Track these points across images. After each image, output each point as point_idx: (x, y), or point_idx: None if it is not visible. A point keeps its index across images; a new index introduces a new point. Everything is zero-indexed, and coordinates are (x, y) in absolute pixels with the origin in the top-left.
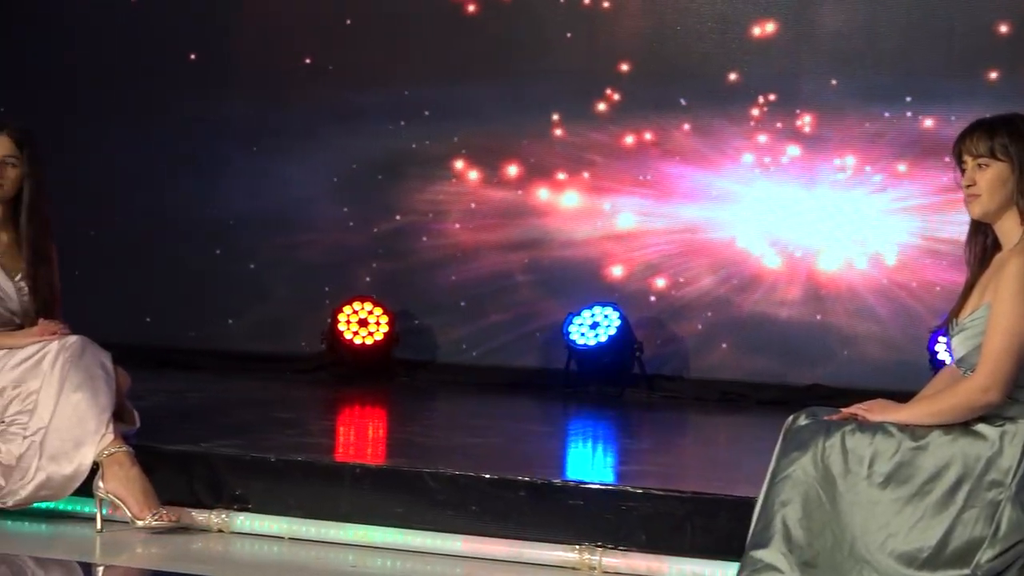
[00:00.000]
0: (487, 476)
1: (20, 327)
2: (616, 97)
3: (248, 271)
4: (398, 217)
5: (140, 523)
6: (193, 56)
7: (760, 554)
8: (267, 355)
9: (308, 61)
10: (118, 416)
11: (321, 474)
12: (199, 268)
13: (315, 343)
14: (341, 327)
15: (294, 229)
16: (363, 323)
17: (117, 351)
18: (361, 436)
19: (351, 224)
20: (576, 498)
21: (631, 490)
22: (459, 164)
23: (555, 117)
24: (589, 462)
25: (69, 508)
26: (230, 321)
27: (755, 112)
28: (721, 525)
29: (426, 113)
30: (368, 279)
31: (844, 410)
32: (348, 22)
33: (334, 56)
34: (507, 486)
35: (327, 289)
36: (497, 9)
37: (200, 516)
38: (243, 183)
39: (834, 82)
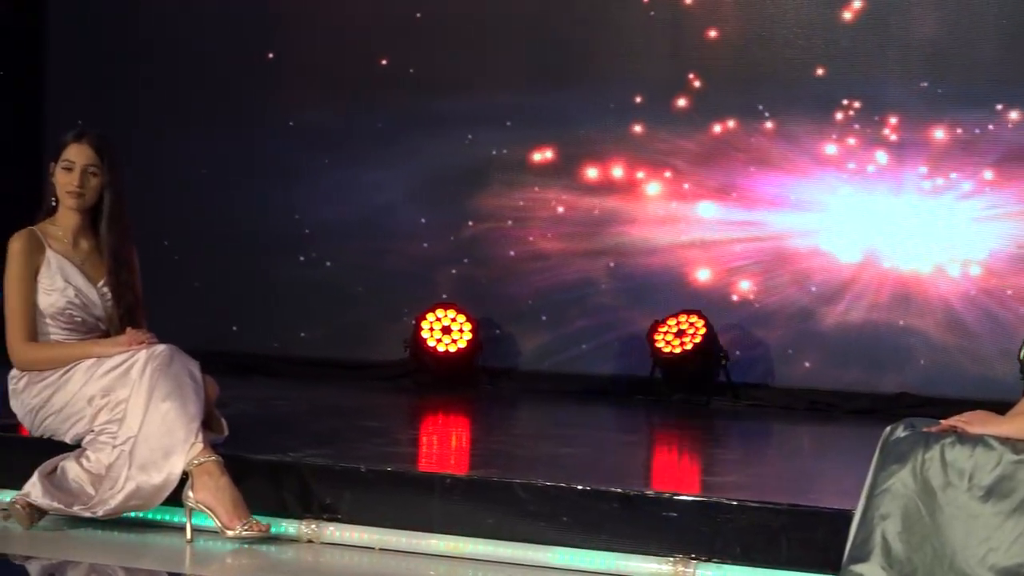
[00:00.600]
0: (579, 487)
1: (106, 334)
2: (699, 102)
3: (330, 278)
4: (480, 224)
5: (230, 533)
6: (272, 63)
7: (860, 568)
8: (349, 362)
9: (388, 68)
10: (206, 425)
11: (411, 484)
12: (281, 276)
13: (397, 350)
14: (424, 334)
15: (376, 236)
16: (446, 330)
17: (201, 359)
18: (448, 445)
19: (433, 231)
20: (669, 509)
21: (725, 502)
22: (540, 171)
23: (637, 123)
24: (679, 472)
25: (158, 517)
26: (312, 328)
27: (840, 117)
28: (818, 538)
29: (507, 121)
30: (450, 286)
31: (943, 422)
32: (428, 28)
33: (414, 62)
34: (599, 497)
35: (409, 296)
36: (579, 14)
37: (290, 526)
38: (324, 190)
39: (923, 85)
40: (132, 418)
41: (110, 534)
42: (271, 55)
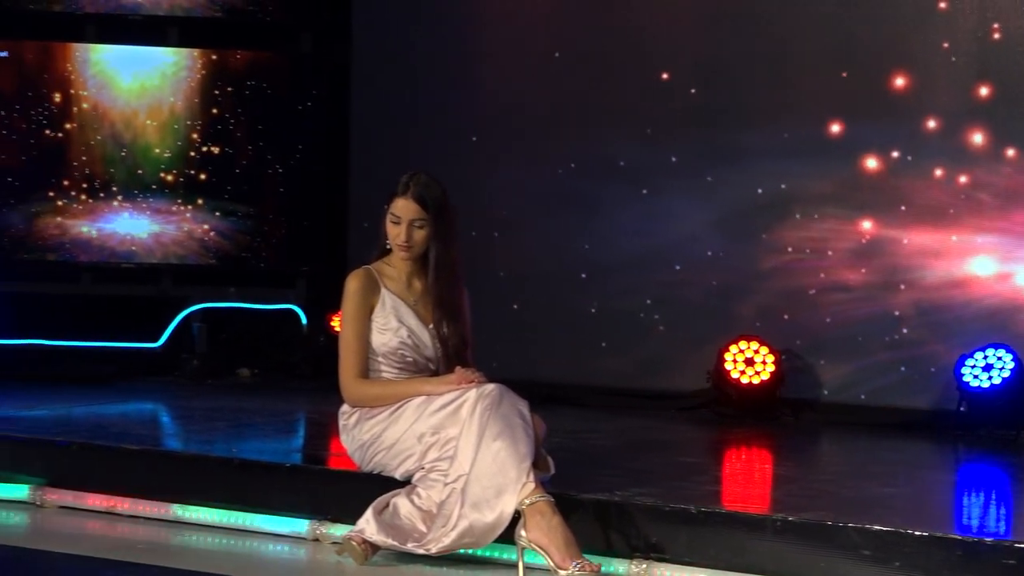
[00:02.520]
0: (916, 533)
1: (435, 373)
2: (993, 132)
3: (631, 309)
4: (780, 255)
5: (563, 573)
6: (572, 98)
7: None
8: (651, 391)
9: (688, 102)
10: (534, 463)
11: (743, 525)
12: (584, 306)
13: (697, 380)
14: (728, 366)
15: (677, 267)
16: (749, 362)
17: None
18: (768, 484)
19: (733, 262)
20: (1009, 557)
21: None
22: (840, 202)
23: (938, 157)
24: (1011, 518)
25: (490, 555)
26: (615, 358)
27: None
28: None
29: (804, 153)
30: (751, 318)
31: None
32: (730, 62)
33: (713, 95)
34: (938, 544)
35: (710, 328)
36: (878, 47)
37: (620, 565)
38: (626, 223)
39: None
40: (463, 456)
41: (440, 570)
42: (571, 89)
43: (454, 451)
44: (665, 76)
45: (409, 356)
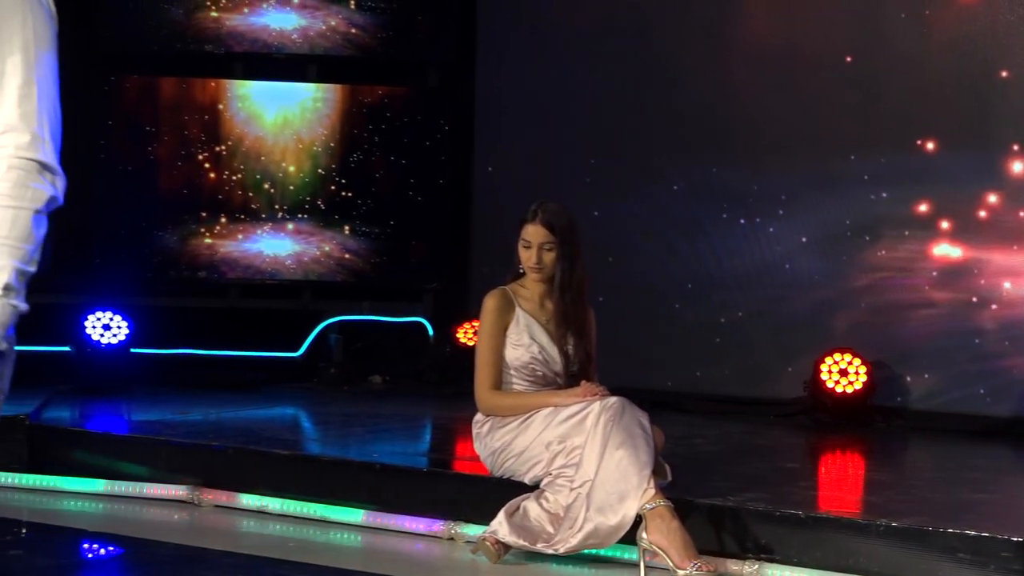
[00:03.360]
0: (1013, 538)
1: (562, 386)
2: None
3: (736, 322)
4: (872, 274)
5: (681, 573)
6: (684, 129)
7: None
8: (750, 399)
9: (786, 131)
10: (653, 470)
11: (848, 529)
12: (689, 319)
13: (793, 389)
14: (823, 376)
15: (776, 285)
16: (843, 372)
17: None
18: (867, 489)
19: (829, 280)
20: None
21: None
22: (926, 227)
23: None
24: None
25: (613, 555)
26: (719, 367)
27: None
28: None
29: (896, 177)
30: (844, 332)
31: None
32: (823, 93)
33: (810, 125)
34: None
35: (807, 340)
36: (953, 78)
37: (734, 566)
38: (729, 243)
39: None
40: (588, 464)
41: (567, 568)
42: (678, 122)
43: (579, 459)
44: (763, 109)
45: (539, 370)
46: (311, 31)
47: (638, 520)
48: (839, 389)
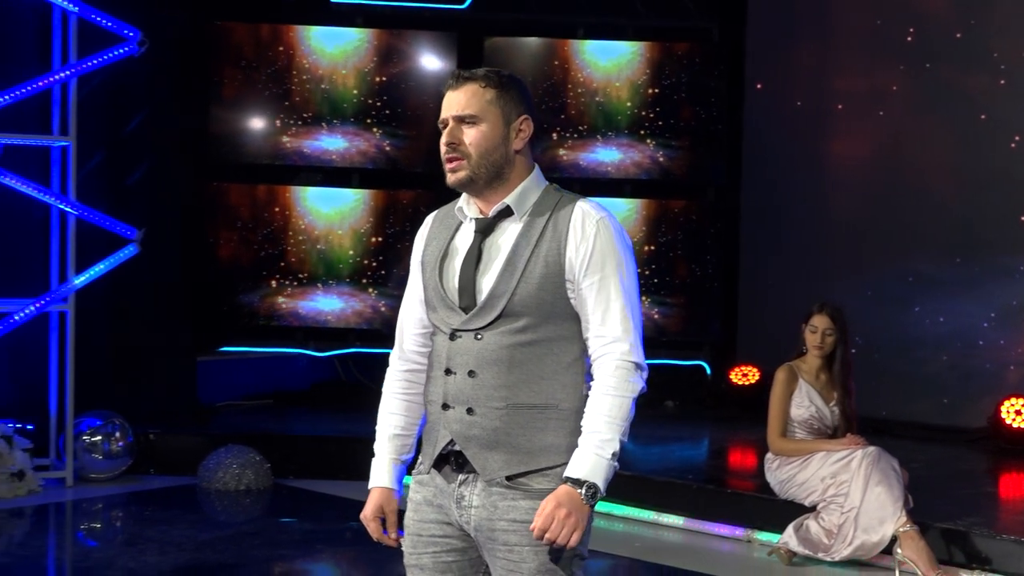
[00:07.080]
0: None
1: (830, 436)
2: None
3: (933, 370)
4: None
5: None
6: (889, 226)
7: None
8: (945, 427)
9: (968, 224)
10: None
11: None
12: (899, 368)
13: (977, 420)
14: (1003, 414)
15: (966, 344)
16: (1019, 412)
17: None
18: None
19: (1007, 342)
20: None
21: None
22: None
23: None
24: None
25: (875, 564)
26: (918, 402)
27: None
28: None
29: None
30: (1021, 380)
31: None
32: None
33: (988, 216)
34: None
35: (989, 386)
36: None
37: (962, 574)
38: (931, 311)
39: None
40: (854, 495)
41: (835, 570)
42: (882, 219)
43: (847, 491)
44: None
45: (816, 424)
46: (627, 161)
47: (893, 539)
48: (1016, 425)
